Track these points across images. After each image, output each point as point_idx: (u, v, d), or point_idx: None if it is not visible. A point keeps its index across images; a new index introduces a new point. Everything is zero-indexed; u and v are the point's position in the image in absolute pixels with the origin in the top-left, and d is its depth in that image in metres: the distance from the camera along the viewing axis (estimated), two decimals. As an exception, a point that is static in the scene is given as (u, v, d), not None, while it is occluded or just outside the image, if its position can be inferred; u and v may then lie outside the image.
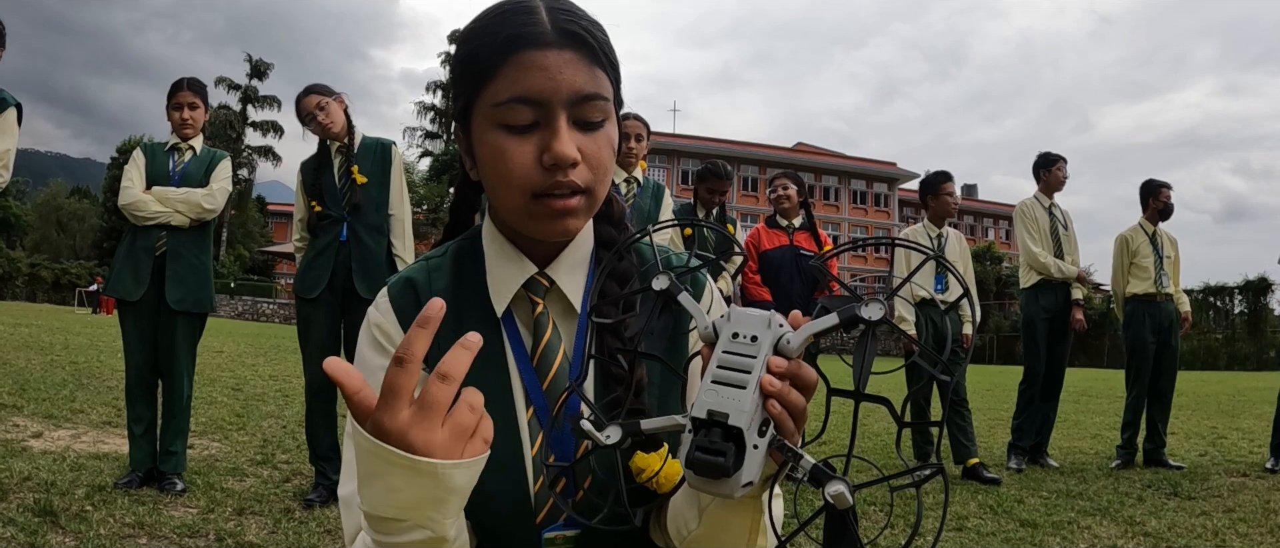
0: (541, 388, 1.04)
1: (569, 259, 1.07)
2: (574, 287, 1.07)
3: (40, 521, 3.18)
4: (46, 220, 60.41)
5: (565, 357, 1.06)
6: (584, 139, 0.95)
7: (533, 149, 0.93)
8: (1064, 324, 6.22)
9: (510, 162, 0.94)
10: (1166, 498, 4.79)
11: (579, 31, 0.93)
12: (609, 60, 0.98)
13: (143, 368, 4.08)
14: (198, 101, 4.20)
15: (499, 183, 0.97)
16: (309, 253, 4.20)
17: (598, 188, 0.98)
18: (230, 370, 10.41)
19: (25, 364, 8.92)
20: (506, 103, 0.92)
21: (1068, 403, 7.24)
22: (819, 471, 0.73)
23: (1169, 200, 6.51)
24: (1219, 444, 7.33)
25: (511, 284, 1.06)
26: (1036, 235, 6.25)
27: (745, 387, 0.73)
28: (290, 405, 7.42)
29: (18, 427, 5.19)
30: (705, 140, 56.64)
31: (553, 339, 1.06)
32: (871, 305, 0.74)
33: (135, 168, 4.12)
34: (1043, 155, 6.51)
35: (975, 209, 64.14)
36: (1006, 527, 4.01)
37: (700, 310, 0.84)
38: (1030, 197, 6.47)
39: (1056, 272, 6.15)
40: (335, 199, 4.18)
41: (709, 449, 0.72)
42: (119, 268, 4.07)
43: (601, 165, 0.97)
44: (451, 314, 1.02)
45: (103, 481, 3.93)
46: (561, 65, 0.92)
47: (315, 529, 3.42)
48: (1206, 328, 32.76)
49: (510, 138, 0.93)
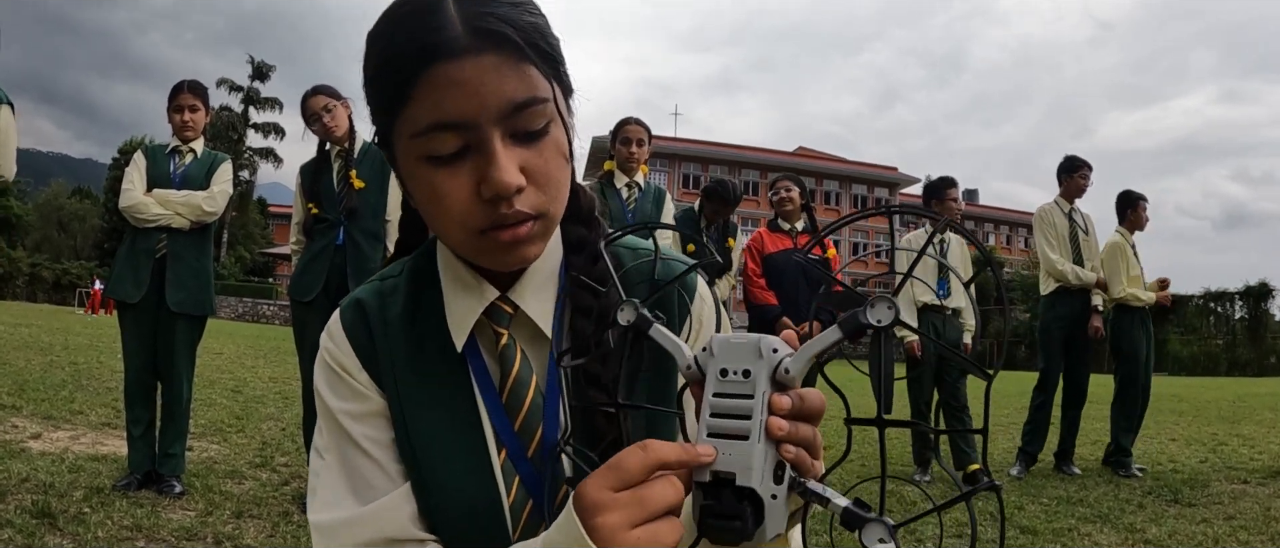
0: (513, 429, 0.92)
1: (534, 279, 0.93)
2: (542, 310, 0.93)
3: (38, 523, 3.17)
4: (48, 220, 60.38)
5: (537, 390, 0.93)
6: (527, 154, 0.81)
7: (467, 181, 0.80)
8: (1083, 332, 6.13)
9: (444, 201, 0.81)
10: (1167, 505, 4.78)
11: (496, 28, 0.78)
12: (542, 49, 0.81)
13: (142, 370, 4.07)
14: (198, 104, 4.20)
15: (437, 222, 0.85)
16: (304, 256, 4.19)
17: (552, 206, 0.84)
18: (230, 372, 10.40)
19: (25, 365, 8.91)
20: (426, 132, 0.79)
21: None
22: (852, 513, 0.63)
23: (1145, 212, 6.51)
24: (1219, 451, 7.32)
25: (470, 315, 0.93)
26: (1054, 241, 6.17)
27: (748, 437, 0.65)
28: (290, 408, 7.41)
29: (16, 428, 5.18)
30: (707, 144, 56.58)
31: (522, 372, 0.93)
32: (878, 307, 0.64)
33: (136, 170, 4.12)
34: (1067, 159, 6.41)
35: (976, 214, 64.15)
36: (1007, 533, 4.00)
37: (678, 345, 0.74)
38: (1050, 201, 6.37)
39: (1073, 279, 6.06)
40: (332, 203, 4.17)
41: (723, 515, 0.65)
42: (119, 270, 4.07)
43: (552, 180, 0.83)
44: (410, 346, 0.95)
45: (101, 483, 3.92)
46: (482, 75, 0.77)
47: (314, 533, 3.40)
48: (1207, 334, 32.77)
49: (439, 172, 0.80)
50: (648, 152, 4.76)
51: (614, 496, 0.67)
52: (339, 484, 0.92)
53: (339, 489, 0.92)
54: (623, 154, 4.71)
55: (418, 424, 0.93)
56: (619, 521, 0.66)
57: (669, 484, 0.68)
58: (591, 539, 0.66)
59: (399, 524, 0.89)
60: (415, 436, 0.93)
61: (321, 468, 0.94)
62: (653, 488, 0.67)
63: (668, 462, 0.67)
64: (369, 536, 0.89)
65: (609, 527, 0.66)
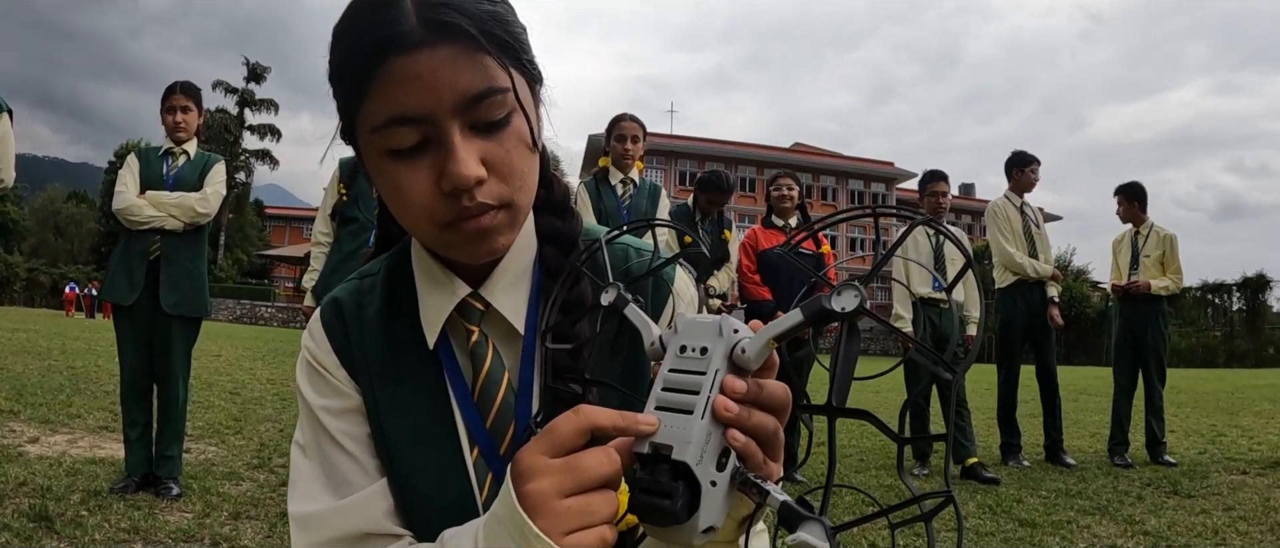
0: (484, 426, 0.92)
1: (506, 275, 0.93)
2: (514, 306, 0.93)
3: (35, 526, 3.17)
4: (44, 225, 60.37)
5: (509, 387, 0.93)
6: (487, 146, 0.80)
7: (429, 174, 0.80)
8: (1044, 323, 6.26)
9: (406, 195, 0.81)
10: (1166, 496, 4.78)
11: (450, 19, 0.77)
12: (501, 39, 0.80)
13: (138, 373, 4.06)
14: (191, 105, 4.19)
15: (404, 217, 0.85)
16: (334, 256, 4.21)
17: (517, 196, 0.84)
18: (227, 374, 10.40)
19: (22, 369, 8.92)
20: (384, 126, 0.79)
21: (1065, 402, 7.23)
22: (789, 510, 0.59)
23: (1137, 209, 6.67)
24: (1218, 442, 7.32)
25: (441, 312, 0.93)
26: (1010, 235, 6.28)
27: (692, 411, 0.62)
28: (288, 409, 7.40)
29: (14, 432, 5.18)
30: (702, 141, 56.54)
31: (494, 369, 0.93)
32: (845, 294, 0.60)
33: (129, 172, 4.11)
34: (1016, 154, 6.54)
35: (974, 208, 64.02)
36: (1005, 527, 4.00)
37: (648, 323, 0.73)
38: (1001, 197, 6.50)
39: (1032, 271, 6.18)
40: (369, 204, 4.21)
41: (654, 490, 0.61)
42: (114, 272, 4.06)
43: (514, 170, 0.82)
44: (385, 343, 0.95)
45: (98, 486, 3.92)
46: (437, 68, 0.76)
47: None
48: (1205, 326, 32.77)
49: (400, 166, 0.80)
50: (643, 148, 4.76)
51: (546, 462, 0.65)
52: (317, 479, 0.92)
53: (317, 484, 0.92)
54: (618, 151, 4.70)
55: (392, 421, 0.93)
56: (549, 487, 0.64)
57: (604, 454, 0.65)
58: (522, 507, 0.64)
59: (373, 519, 0.90)
60: (390, 432, 0.93)
61: (301, 463, 0.94)
62: (586, 457, 0.65)
63: (602, 426, 0.65)
64: (345, 529, 0.89)
65: (539, 493, 0.64)
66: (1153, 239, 6.51)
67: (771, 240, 5.27)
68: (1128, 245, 6.60)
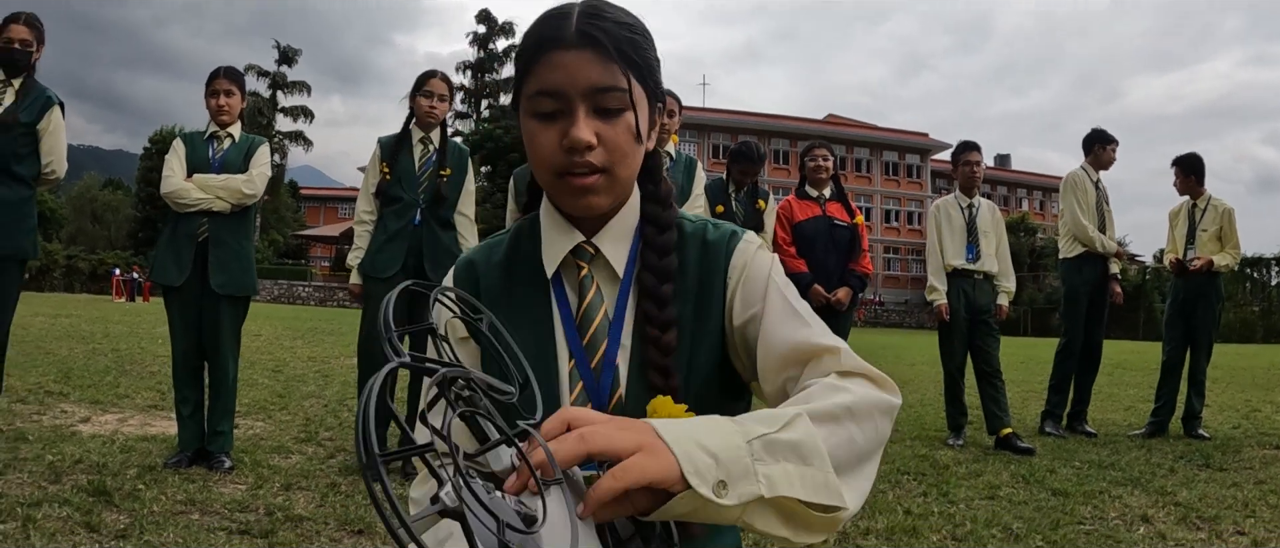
0: (582, 343, 1.16)
1: (615, 230, 1.19)
2: (618, 255, 1.18)
3: (94, 500, 3.26)
4: (81, 213, 61.14)
5: (605, 316, 1.17)
6: (602, 126, 1.07)
7: (556, 135, 1.07)
8: (1103, 298, 6.33)
9: (538, 145, 1.09)
10: (1198, 469, 4.79)
11: (596, 34, 1.05)
12: (630, 58, 1.07)
13: (188, 352, 4.17)
14: (234, 89, 4.28)
15: (533, 162, 1.12)
16: (380, 235, 4.30)
17: (616, 168, 1.10)
18: (269, 353, 10.60)
19: (68, 353, 9.11)
20: (535, 95, 1.07)
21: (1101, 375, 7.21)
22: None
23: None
24: (1253, 417, 7.30)
25: (560, 250, 1.18)
26: (1084, 208, 6.30)
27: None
28: (330, 385, 7.56)
29: (66, 412, 5.32)
30: (736, 114, 56.13)
31: (595, 299, 1.17)
32: (447, 489, 0.59)
33: (176, 157, 4.20)
34: (1096, 131, 6.56)
35: (1009, 180, 63.27)
36: (1038, 496, 4.04)
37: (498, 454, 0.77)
38: (1078, 168, 6.51)
39: (1099, 246, 6.23)
40: (412, 183, 4.32)
41: None
42: (161, 254, 4.16)
43: (618, 148, 1.08)
44: (505, 281, 1.21)
45: (152, 461, 4.02)
46: (579, 63, 1.05)
47: (362, 502, 3.50)
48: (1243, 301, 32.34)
49: (539, 124, 1.08)
50: (678, 122, 4.79)
51: None
52: None
53: None
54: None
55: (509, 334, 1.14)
56: None
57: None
58: None
59: None
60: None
61: None
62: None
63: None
64: None
65: None
66: (1210, 213, 6.44)
67: (806, 211, 5.29)
68: (1184, 218, 6.55)
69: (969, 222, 5.81)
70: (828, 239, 5.17)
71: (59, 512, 3.05)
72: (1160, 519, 3.63)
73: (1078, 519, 3.61)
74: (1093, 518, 3.65)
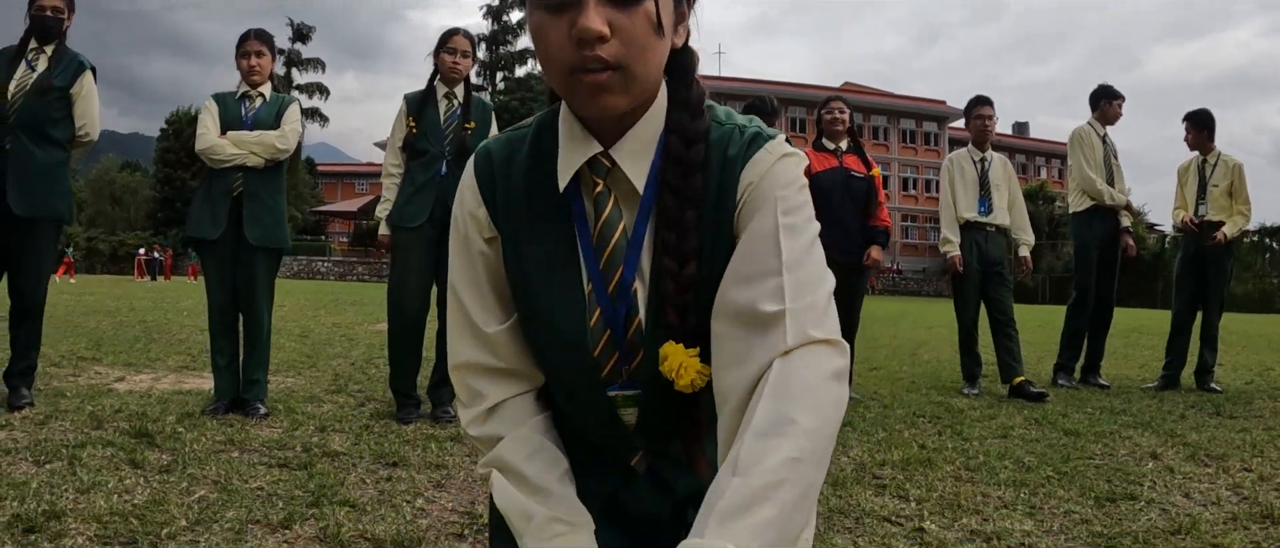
0: (598, 265, 1.08)
1: (633, 142, 1.06)
2: (637, 169, 1.07)
3: (136, 442, 3.37)
4: (100, 195, 61.44)
5: (623, 234, 1.08)
6: (617, 14, 0.94)
7: (566, 26, 0.94)
8: (1114, 253, 6.36)
9: (546, 39, 0.97)
10: (1208, 417, 4.87)
11: None
12: None
13: (225, 306, 4.29)
14: (264, 49, 4.38)
15: (542, 61, 1.00)
16: (408, 187, 4.36)
17: (632, 64, 0.96)
18: (294, 321, 10.79)
19: (96, 326, 9.27)
20: None
21: (1116, 339, 7.25)
22: None
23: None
24: (1266, 375, 7.37)
25: (575, 162, 1.07)
26: (1091, 162, 6.33)
27: None
28: (355, 348, 7.71)
29: (100, 373, 5.46)
30: (753, 82, 55.72)
31: (612, 217, 1.08)
32: None
33: (209, 115, 4.31)
34: (1103, 86, 6.58)
35: (1028, 147, 62.58)
36: (1050, 436, 4.14)
37: None
38: (1085, 123, 6.52)
39: (1108, 199, 6.25)
40: (437, 136, 4.37)
41: None
42: (197, 210, 4.26)
43: (635, 40, 0.96)
44: (527, 189, 1.12)
45: (190, 410, 4.15)
46: None
47: (396, 440, 3.62)
48: (1261, 271, 32.17)
49: (547, 16, 0.96)
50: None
51: None
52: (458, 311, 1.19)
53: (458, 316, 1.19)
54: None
55: (528, 249, 1.12)
56: None
57: None
58: None
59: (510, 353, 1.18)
60: (526, 258, 1.13)
61: (450, 299, 1.21)
62: None
63: None
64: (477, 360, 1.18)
65: None
66: (1221, 168, 6.43)
67: (823, 163, 5.33)
68: (1194, 174, 6.54)
69: (981, 175, 5.88)
70: (844, 191, 5.21)
71: (103, 452, 3.16)
72: (1169, 457, 3.72)
73: (1087, 455, 3.71)
74: (1103, 454, 3.74)
